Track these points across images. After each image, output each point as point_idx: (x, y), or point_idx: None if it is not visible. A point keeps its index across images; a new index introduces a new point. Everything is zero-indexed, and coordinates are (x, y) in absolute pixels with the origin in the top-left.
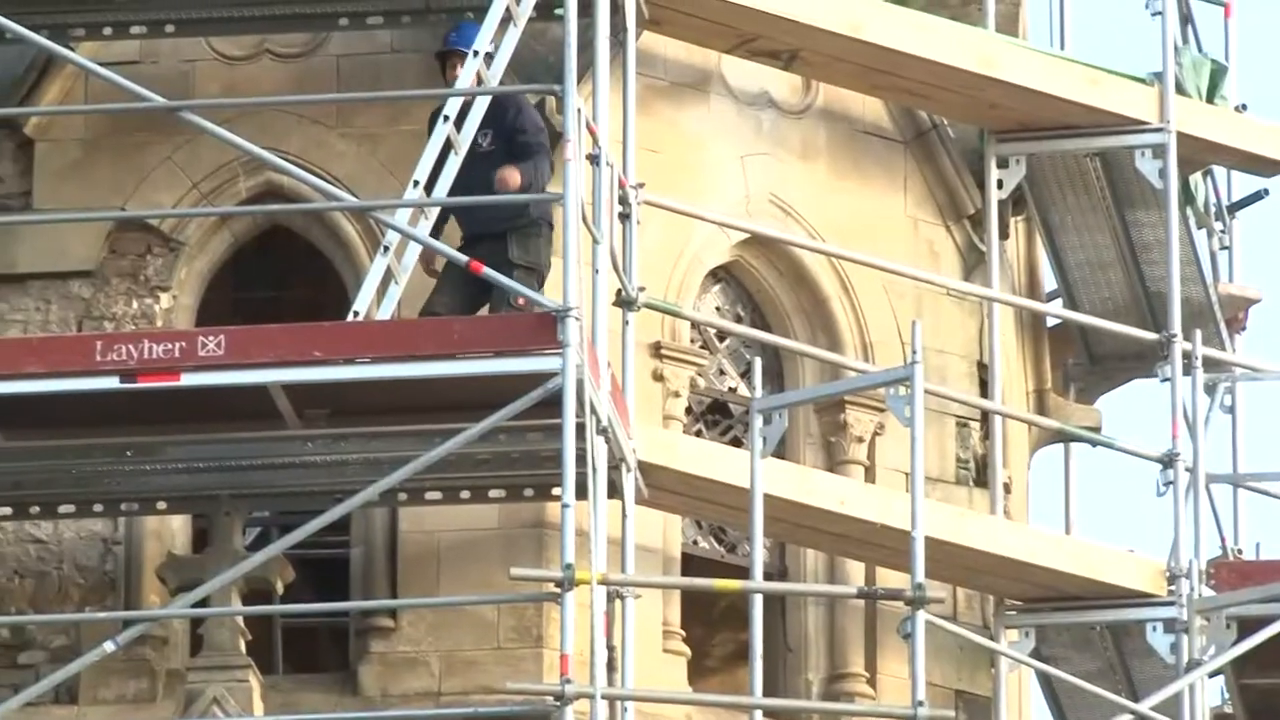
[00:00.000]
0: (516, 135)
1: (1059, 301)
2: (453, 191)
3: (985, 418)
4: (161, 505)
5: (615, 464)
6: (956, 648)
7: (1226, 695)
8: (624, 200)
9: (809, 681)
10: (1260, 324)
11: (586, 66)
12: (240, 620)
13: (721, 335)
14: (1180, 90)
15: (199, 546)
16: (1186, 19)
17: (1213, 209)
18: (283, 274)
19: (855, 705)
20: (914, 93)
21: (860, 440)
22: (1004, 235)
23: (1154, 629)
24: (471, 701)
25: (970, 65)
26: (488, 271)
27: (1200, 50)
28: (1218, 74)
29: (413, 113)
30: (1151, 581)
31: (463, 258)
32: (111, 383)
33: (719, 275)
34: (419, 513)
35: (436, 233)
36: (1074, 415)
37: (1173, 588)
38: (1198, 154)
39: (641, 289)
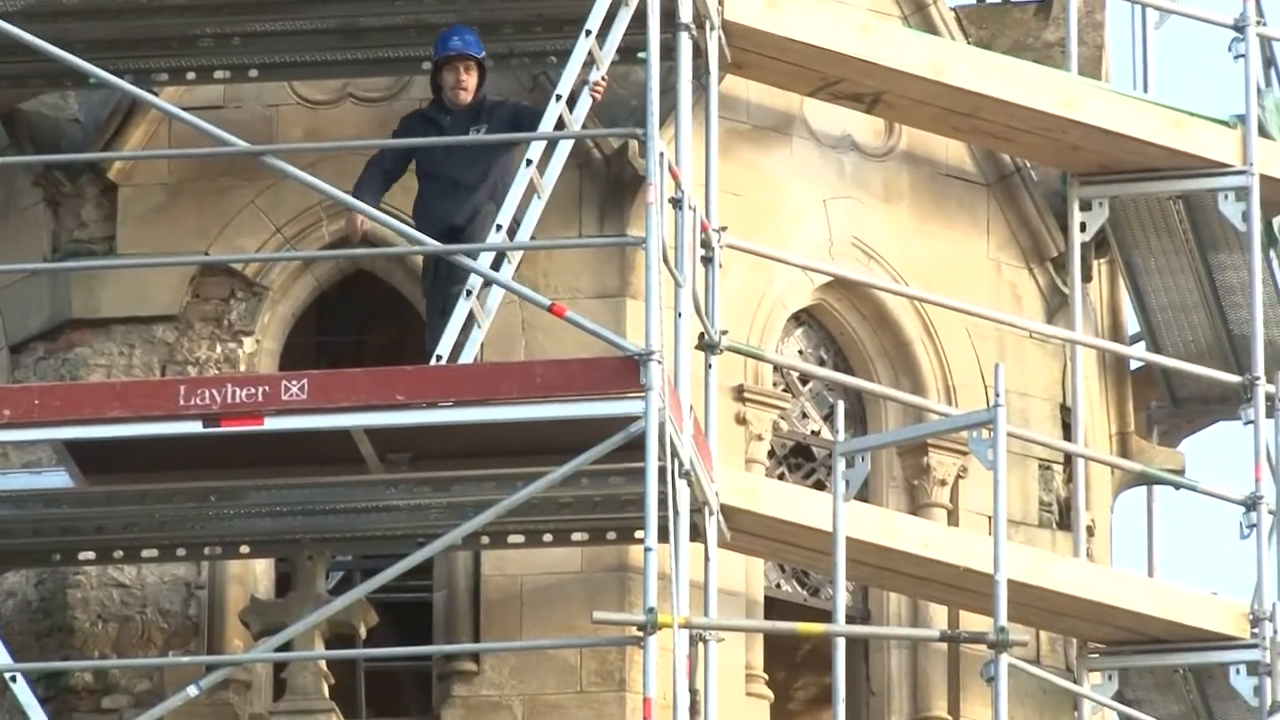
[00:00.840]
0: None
1: (1142, 344)
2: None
3: (1068, 460)
4: (244, 549)
5: (698, 507)
6: (1039, 691)
7: None
8: (706, 244)
9: None
10: None
11: (669, 110)
12: (323, 664)
13: (804, 378)
14: (1263, 133)
15: (282, 590)
16: (1269, 61)
17: None
18: (365, 318)
19: None
20: (997, 135)
21: (943, 483)
22: (1087, 278)
23: (1237, 672)
24: None
25: (1053, 108)
26: (570, 315)
27: None
28: None
29: None
30: (1234, 624)
31: (544, 300)
32: (195, 427)
33: (801, 318)
34: (501, 556)
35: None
36: (1157, 458)
37: (1256, 630)
38: None
39: (724, 332)
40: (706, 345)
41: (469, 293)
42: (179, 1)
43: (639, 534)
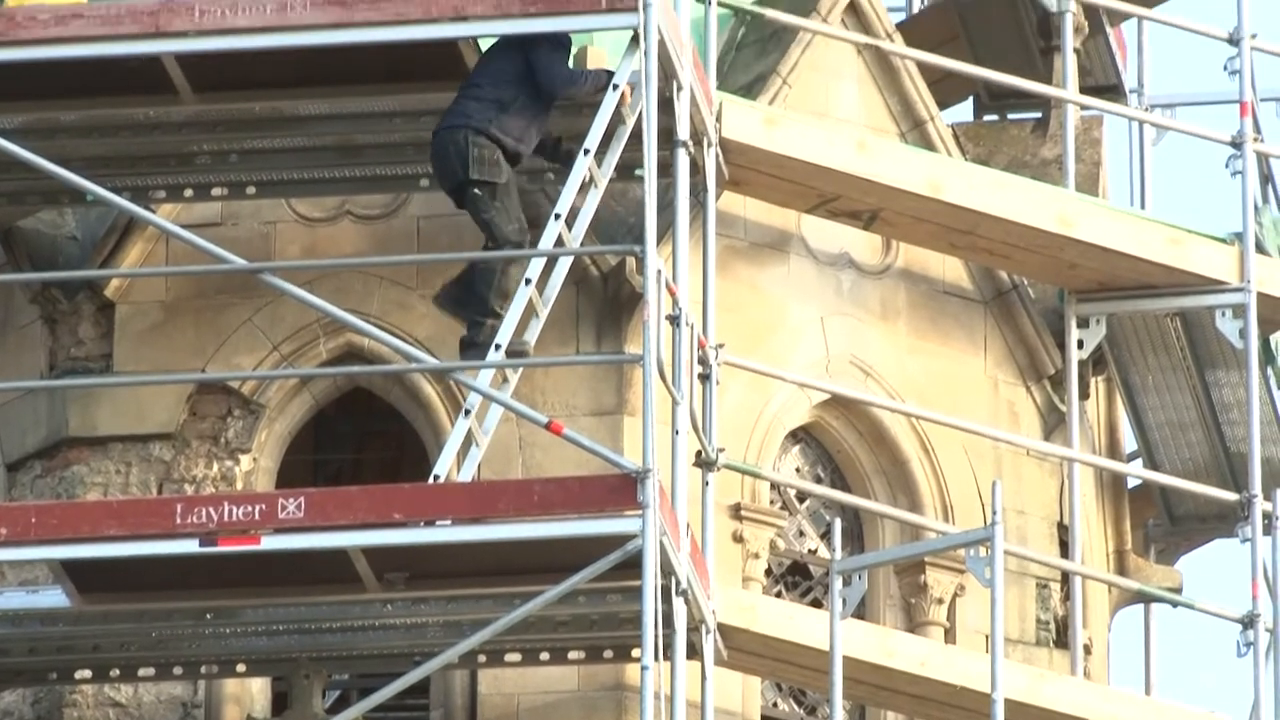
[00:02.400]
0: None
1: (1139, 462)
2: None
3: (1066, 579)
4: (241, 668)
5: (695, 626)
6: None
7: None
8: (704, 361)
9: None
10: None
11: (666, 227)
12: None
13: (801, 496)
14: (1261, 250)
15: (279, 709)
16: (1267, 178)
17: None
18: (363, 436)
19: None
20: (994, 252)
21: (940, 601)
22: (1084, 395)
23: None
24: None
25: (1050, 225)
26: (568, 433)
27: None
28: None
29: None
30: None
31: (541, 418)
32: (191, 546)
33: (799, 436)
34: (498, 675)
35: None
36: (1154, 576)
37: None
38: (1278, 314)
39: (721, 450)
40: (704, 463)
41: (467, 411)
42: (176, 118)
43: (636, 653)
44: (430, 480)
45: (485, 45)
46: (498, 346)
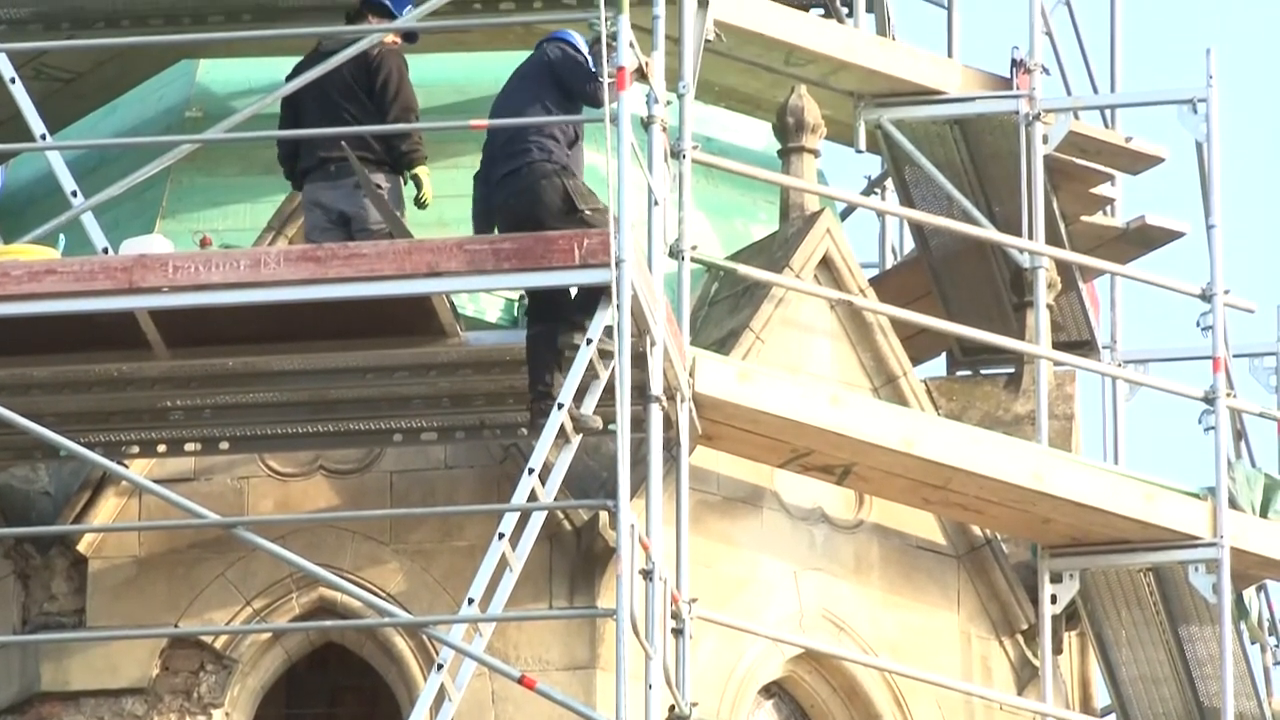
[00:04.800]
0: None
1: (1113, 716)
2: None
3: None
4: None
5: None
6: None
7: None
8: (677, 615)
9: None
10: None
11: (640, 482)
12: None
13: None
14: (1234, 505)
15: None
16: (1240, 434)
17: (1266, 624)
18: (336, 691)
19: None
20: (967, 507)
21: None
22: (1057, 650)
23: None
24: None
25: (1024, 480)
26: (541, 687)
27: (1254, 464)
28: (1271, 488)
29: (466, 529)
30: None
31: (514, 672)
32: None
33: (772, 690)
34: None
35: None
36: None
37: None
38: (1251, 569)
39: (695, 704)
40: (677, 717)
41: (439, 666)
42: (150, 374)
43: None
44: None
45: (460, 290)
46: (470, 600)
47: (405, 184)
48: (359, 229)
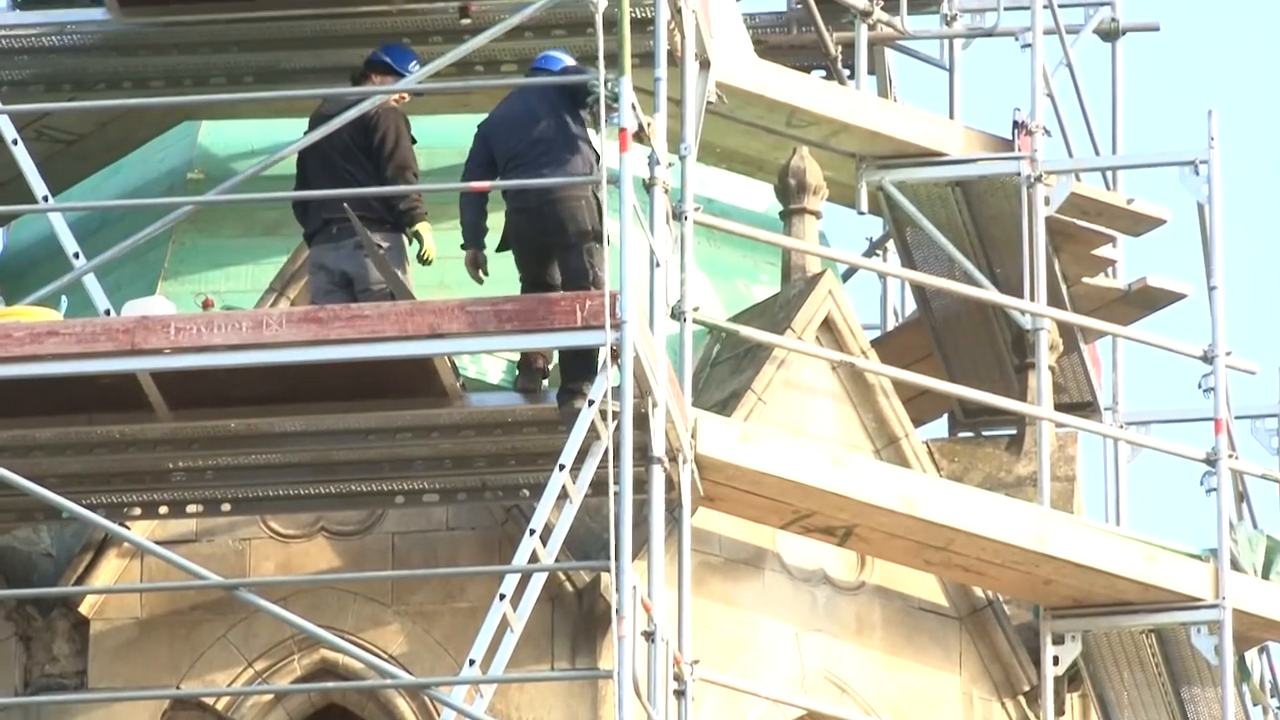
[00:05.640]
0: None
1: None
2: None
3: None
4: None
5: None
6: None
7: None
8: (679, 677)
9: None
10: None
11: (642, 543)
12: None
13: None
14: (1236, 566)
15: None
16: (1242, 496)
17: (1268, 686)
18: None
19: None
20: (969, 569)
21: None
22: (1059, 712)
23: None
24: None
25: (1026, 542)
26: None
27: (1256, 526)
28: (1273, 550)
29: (468, 590)
30: None
31: None
32: None
33: None
34: None
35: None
36: None
37: None
38: (1253, 631)
39: None
40: None
41: None
42: (152, 435)
43: None
44: None
45: (462, 351)
46: (471, 661)
47: (410, 243)
48: (361, 289)
